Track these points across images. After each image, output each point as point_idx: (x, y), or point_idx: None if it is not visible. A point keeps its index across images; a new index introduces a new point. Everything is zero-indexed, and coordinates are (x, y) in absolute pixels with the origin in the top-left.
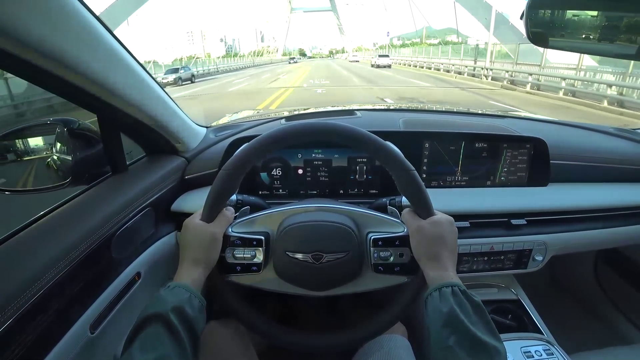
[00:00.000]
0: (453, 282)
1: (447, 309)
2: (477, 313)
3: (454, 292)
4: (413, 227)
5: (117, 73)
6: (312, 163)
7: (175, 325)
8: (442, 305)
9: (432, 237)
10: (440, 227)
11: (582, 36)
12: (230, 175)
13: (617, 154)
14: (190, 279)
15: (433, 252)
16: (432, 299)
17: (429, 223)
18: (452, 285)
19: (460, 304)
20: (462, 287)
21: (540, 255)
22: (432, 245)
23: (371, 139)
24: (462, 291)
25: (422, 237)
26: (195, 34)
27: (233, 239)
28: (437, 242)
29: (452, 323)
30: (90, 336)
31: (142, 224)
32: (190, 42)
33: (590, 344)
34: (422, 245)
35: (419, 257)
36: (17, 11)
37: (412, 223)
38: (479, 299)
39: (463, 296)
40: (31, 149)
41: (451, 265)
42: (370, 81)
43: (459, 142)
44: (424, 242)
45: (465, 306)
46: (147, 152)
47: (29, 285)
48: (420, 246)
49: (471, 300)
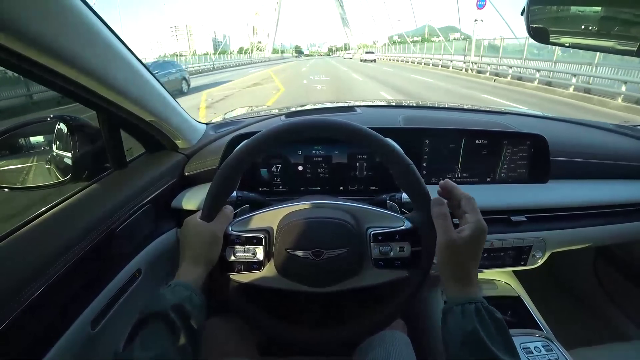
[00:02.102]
0: (477, 298)
1: (471, 328)
2: (499, 331)
3: (478, 309)
4: (443, 242)
5: (117, 70)
6: (312, 159)
7: (175, 323)
8: (465, 323)
9: (466, 257)
10: (477, 243)
11: (582, 33)
12: (230, 172)
13: (617, 151)
14: (191, 278)
15: (463, 272)
16: (453, 315)
17: (464, 240)
18: (476, 302)
19: (483, 322)
20: (485, 304)
21: (540, 252)
22: (463, 265)
23: (371, 135)
24: (485, 308)
25: (454, 256)
26: (180, 29)
27: (233, 238)
28: (470, 262)
29: (473, 342)
30: (92, 332)
31: (142, 221)
32: (175, 39)
33: (589, 340)
34: (452, 264)
35: (445, 274)
36: (16, 7)
37: (442, 235)
38: (501, 316)
39: (486, 314)
40: (31, 146)
41: (476, 278)
42: (357, 71)
43: (459, 138)
44: (455, 261)
45: (487, 325)
46: (147, 149)
47: (30, 282)
48: (448, 264)
49: (494, 317)
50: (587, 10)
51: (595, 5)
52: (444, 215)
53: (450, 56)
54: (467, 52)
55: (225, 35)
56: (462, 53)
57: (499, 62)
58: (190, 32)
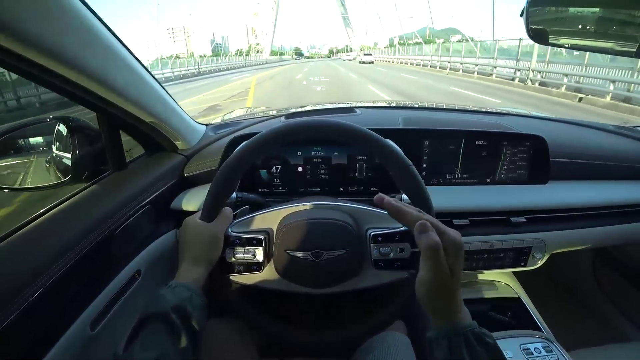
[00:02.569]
0: (465, 324)
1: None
2: (492, 357)
3: (467, 340)
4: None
5: (117, 71)
6: (312, 160)
7: (176, 324)
8: (452, 356)
9: (452, 286)
10: (459, 262)
11: (582, 34)
12: (230, 173)
13: (617, 152)
14: (192, 278)
15: (450, 301)
16: (440, 348)
17: (450, 266)
18: (465, 332)
19: (474, 354)
20: (475, 330)
21: (540, 253)
22: (450, 294)
23: (370, 136)
24: (474, 335)
25: (440, 291)
26: (177, 31)
27: (233, 239)
28: (454, 286)
29: None
30: (91, 334)
31: (142, 222)
32: (172, 40)
33: (589, 341)
34: (438, 298)
35: (429, 306)
36: (17, 9)
37: (432, 272)
38: (494, 339)
39: (476, 342)
40: (31, 146)
41: (461, 300)
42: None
43: (459, 139)
44: (441, 295)
45: (479, 355)
46: (146, 150)
47: (30, 283)
48: (434, 299)
49: (486, 345)
50: (587, 11)
51: (595, 6)
52: (438, 247)
53: (438, 57)
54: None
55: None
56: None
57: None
58: (187, 34)
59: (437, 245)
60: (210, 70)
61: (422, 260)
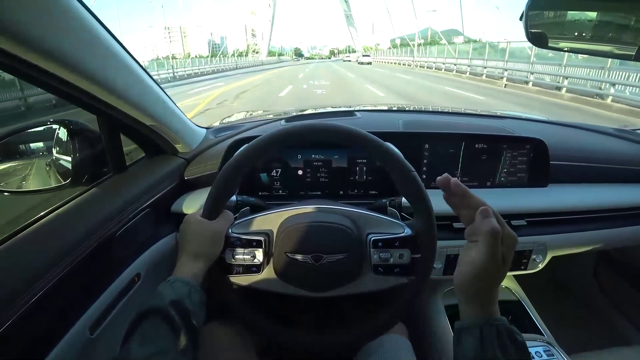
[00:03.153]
0: (497, 318)
1: (491, 357)
2: (522, 357)
3: (499, 332)
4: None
5: (117, 73)
6: (312, 164)
7: (174, 319)
8: (485, 350)
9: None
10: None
11: (581, 37)
12: (230, 176)
13: (617, 155)
14: (190, 273)
15: (488, 292)
16: (470, 338)
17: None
18: (498, 325)
19: (504, 348)
20: (507, 325)
21: (540, 256)
22: (492, 285)
23: (371, 140)
24: (506, 331)
25: (487, 279)
26: (174, 30)
27: (233, 240)
28: (500, 278)
29: None
30: (90, 337)
31: (142, 225)
32: (168, 41)
33: (590, 344)
34: (480, 286)
35: (467, 293)
36: (17, 11)
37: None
38: (523, 338)
39: (507, 338)
40: (31, 150)
41: (497, 295)
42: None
43: (459, 143)
44: (484, 283)
45: (509, 352)
46: (146, 153)
47: (29, 286)
48: (477, 286)
49: (516, 342)
50: (586, 15)
51: (594, 10)
52: (498, 233)
53: (434, 58)
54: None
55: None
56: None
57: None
58: (184, 34)
59: (498, 232)
60: (190, 74)
61: (479, 244)
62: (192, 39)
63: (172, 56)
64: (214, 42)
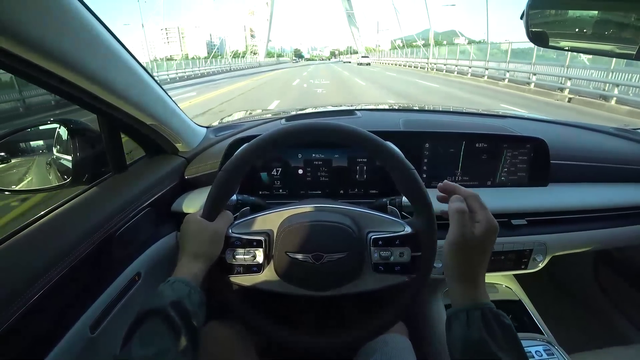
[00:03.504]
0: (484, 302)
1: (477, 338)
2: (508, 340)
3: (484, 315)
4: (455, 238)
5: (117, 73)
6: (312, 163)
7: (174, 320)
8: (471, 331)
9: (476, 256)
10: (489, 242)
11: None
12: (230, 175)
13: (617, 154)
14: (191, 274)
15: (471, 273)
16: (458, 322)
17: (476, 237)
18: (483, 307)
19: (490, 330)
20: (493, 309)
21: (541, 256)
22: (472, 265)
23: (371, 139)
24: (492, 313)
25: (464, 254)
26: (171, 31)
27: (233, 240)
28: (479, 262)
29: (479, 353)
30: (90, 336)
31: (142, 224)
32: (166, 42)
33: (590, 344)
34: (460, 264)
35: (451, 275)
36: (17, 11)
37: (458, 231)
38: (510, 321)
39: (494, 320)
40: (31, 149)
41: (483, 281)
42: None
43: (459, 142)
44: (464, 260)
45: (495, 332)
46: (147, 152)
47: (29, 285)
48: (457, 263)
49: (502, 324)
50: (586, 14)
51: (595, 9)
52: (463, 211)
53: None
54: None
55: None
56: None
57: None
58: (182, 35)
59: (463, 210)
60: (174, 78)
61: (450, 224)
62: (190, 40)
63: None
64: (213, 43)
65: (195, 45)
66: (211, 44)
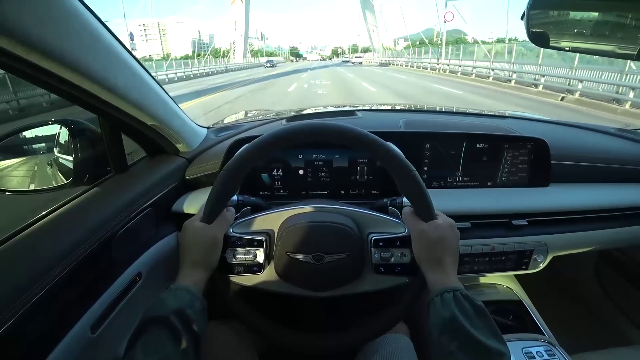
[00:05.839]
0: (454, 286)
1: (449, 315)
2: (480, 317)
3: (456, 297)
4: (415, 231)
5: (118, 73)
6: (313, 164)
7: (177, 328)
8: (444, 311)
9: (434, 241)
10: (442, 231)
11: (582, 37)
12: (231, 176)
13: (618, 154)
14: (192, 282)
15: (435, 257)
16: (433, 305)
17: (431, 227)
18: (454, 290)
19: (462, 308)
20: (463, 292)
21: (542, 256)
22: (434, 249)
23: (372, 140)
24: (463, 295)
25: (424, 241)
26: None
27: (234, 240)
28: (439, 247)
29: (453, 328)
30: (91, 337)
31: (143, 225)
32: (144, 39)
33: (591, 344)
34: (424, 250)
35: (421, 261)
36: (18, 11)
37: (414, 226)
38: (481, 302)
39: (465, 300)
40: (32, 149)
41: (452, 270)
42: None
43: (460, 142)
44: (426, 246)
45: (467, 310)
46: (148, 153)
47: (30, 286)
48: (421, 250)
49: (473, 304)
50: (587, 14)
51: (595, 10)
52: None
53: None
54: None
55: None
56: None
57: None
58: (163, 32)
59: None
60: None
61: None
62: (172, 37)
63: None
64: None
65: (179, 43)
66: (199, 42)
